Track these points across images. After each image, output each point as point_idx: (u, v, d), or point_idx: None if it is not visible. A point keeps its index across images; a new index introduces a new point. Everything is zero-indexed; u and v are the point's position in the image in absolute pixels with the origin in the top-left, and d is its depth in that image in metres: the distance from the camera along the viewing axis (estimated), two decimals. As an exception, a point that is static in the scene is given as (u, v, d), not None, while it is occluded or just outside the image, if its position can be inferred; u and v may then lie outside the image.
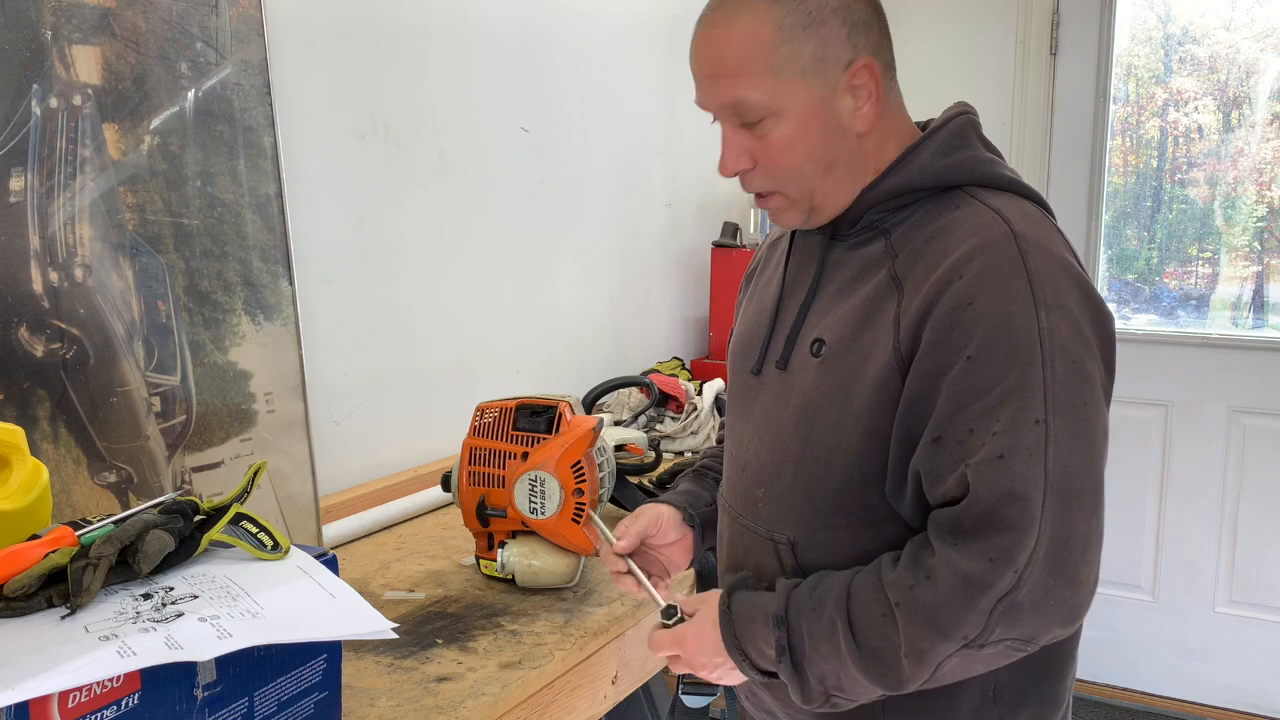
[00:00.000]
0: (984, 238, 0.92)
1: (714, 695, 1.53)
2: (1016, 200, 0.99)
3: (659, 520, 1.15)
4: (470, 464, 1.35)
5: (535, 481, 1.29)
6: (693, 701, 1.53)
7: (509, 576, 1.35)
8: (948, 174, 0.99)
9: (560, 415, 1.34)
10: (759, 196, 1.04)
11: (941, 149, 1.00)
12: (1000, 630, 0.86)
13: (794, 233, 1.13)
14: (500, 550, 1.33)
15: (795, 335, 1.04)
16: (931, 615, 0.87)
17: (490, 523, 1.34)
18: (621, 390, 2.26)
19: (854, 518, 0.98)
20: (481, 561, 1.38)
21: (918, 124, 1.07)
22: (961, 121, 1.03)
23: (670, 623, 1.03)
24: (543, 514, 1.29)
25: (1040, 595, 0.86)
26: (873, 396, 0.94)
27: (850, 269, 1.02)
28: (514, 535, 1.35)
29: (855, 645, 0.91)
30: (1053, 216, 1.03)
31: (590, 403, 2.10)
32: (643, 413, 2.23)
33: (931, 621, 0.87)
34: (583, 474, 1.31)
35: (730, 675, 1.01)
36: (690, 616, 1.03)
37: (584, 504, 1.30)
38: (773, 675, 0.97)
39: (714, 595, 1.03)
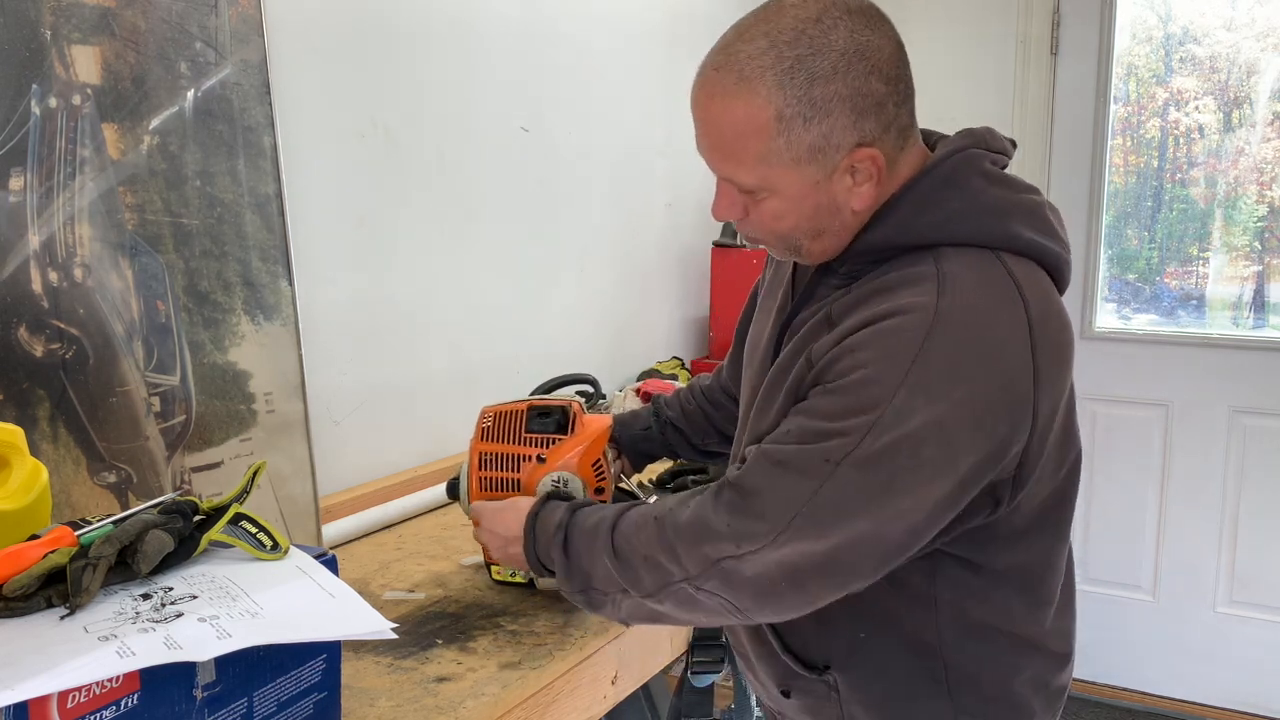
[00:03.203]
0: (906, 303, 0.91)
1: (718, 674, 1.53)
2: (985, 264, 0.94)
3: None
4: (481, 470, 1.31)
5: (559, 482, 1.27)
6: (699, 681, 1.54)
7: (528, 580, 1.32)
8: (923, 234, 0.96)
9: (575, 415, 1.32)
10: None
11: (919, 204, 0.96)
12: (716, 584, 0.95)
13: None
14: None
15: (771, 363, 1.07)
16: (669, 534, 0.97)
17: None
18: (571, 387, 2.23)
19: None
20: (494, 569, 1.35)
21: (929, 139, 1.03)
22: (953, 164, 0.97)
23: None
24: None
25: (761, 576, 0.93)
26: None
27: (817, 305, 1.03)
28: None
29: (611, 534, 1.02)
30: (1052, 267, 0.99)
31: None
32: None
33: (666, 541, 0.97)
34: (603, 472, 1.30)
35: (510, 558, 1.16)
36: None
37: (605, 501, 1.29)
38: (550, 572, 1.08)
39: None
